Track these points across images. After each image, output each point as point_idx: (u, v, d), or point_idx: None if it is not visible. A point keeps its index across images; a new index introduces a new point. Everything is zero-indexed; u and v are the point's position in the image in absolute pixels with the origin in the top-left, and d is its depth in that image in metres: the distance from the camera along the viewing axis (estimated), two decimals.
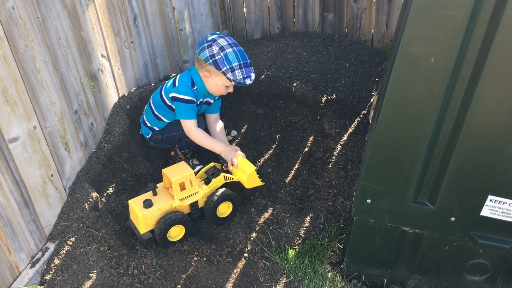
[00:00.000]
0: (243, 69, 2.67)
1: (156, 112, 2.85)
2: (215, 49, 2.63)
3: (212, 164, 2.76)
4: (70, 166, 2.55)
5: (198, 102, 2.82)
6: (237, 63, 2.65)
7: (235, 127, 3.35)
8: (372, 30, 3.91)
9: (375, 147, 1.94)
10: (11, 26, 2.04)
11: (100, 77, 2.74)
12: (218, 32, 2.78)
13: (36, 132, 2.25)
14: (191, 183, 2.53)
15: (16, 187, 2.17)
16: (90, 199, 2.53)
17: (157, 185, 2.57)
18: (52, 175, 2.40)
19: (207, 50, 2.64)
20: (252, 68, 2.73)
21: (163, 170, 2.55)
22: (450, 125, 1.81)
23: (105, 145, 2.76)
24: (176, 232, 2.51)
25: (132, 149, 2.89)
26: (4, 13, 1.99)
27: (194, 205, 2.58)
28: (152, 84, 3.19)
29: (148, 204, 2.45)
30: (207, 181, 2.66)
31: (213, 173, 2.69)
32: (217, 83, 2.75)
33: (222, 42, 2.66)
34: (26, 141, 2.20)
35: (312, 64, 3.53)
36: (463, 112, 1.76)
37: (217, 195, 2.57)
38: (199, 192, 2.59)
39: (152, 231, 2.48)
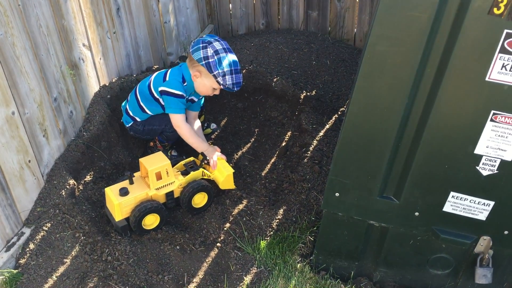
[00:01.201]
0: (233, 75, 2.74)
1: (141, 103, 2.89)
2: (209, 51, 2.68)
3: (192, 158, 2.82)
4: (48, 153, 2.58)
5: (188, 98, 2.87)
6: (229, 69, 2.71)
7: (214, 120, 3.40)
8: (355, 29, 3.98)
9: (343, 142, 2.01)
10: None
11: (81, 66, 2.77)
12: (214, 35, 2.84)
13: (14, 118, 2.28)
14: (167, 173, 2.58)
15: None
16: (67, 186, 2.57)
17: (134, 174, 2.62)
18: (29, 161, 2.43)
19: (201, 51, 2.69)
20: (241, 75, 2.79)
21: (140, 160, 2.60)
22: (414, 123, 1.88)
23: (84, 133, 2.79)
24: (151, 221, 2.56)
25: (111, 138, 2.92)
26: None
27: (169, 194, 2.63)
28: (134, 75, 3.23)
29: (124, 192, 2.49)
30: (184, 173, 2.71)
31: (192, 167, 2.74)
32: (205, 84, 2.79)
33: (218, 45, 2.71)
34: (3, 127, 2.23)
35: (294, 61, 3.59)
36: (427, 111, 1.83)
37: (192, 186, 2.63)
38: (175, 182, 2.64)
39: (127, 219, 2.53)
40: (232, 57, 2.74)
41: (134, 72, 3.30)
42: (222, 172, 2.74)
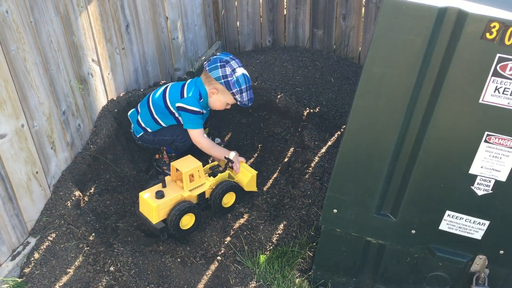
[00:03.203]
0: (248, 92, 2.93)
1: (155, 116, 2.97)
2: (228, 70, 2.84)
3: (216, 162, 2.98)
4: (55, 165, 2.65)
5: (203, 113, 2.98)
6: (245, 86, 2.89)
7: (219, 135, 3.46)
8: (360, 48, 4.04)
9: (341, 160, 2.05)
10: (4, 29, 2.15)
11: (89, 81, 2.85)
12: (228, 53, 2.99)
13: (23, 131, 2.36)
14: (199, 174, 2.70)
15: (1, 182, 2.27)
16: (73, 197, 2.63)
17: (165, 178, 2.73)
18: (37, 172, 2.50)
19: (220, 70, 2.84)
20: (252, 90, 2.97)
21: (172, 163, 2.71)
22: (410, 143, 1.92)
23: (91, 146, 2.86)
24: (187, 221, 2.65)
25: (117, 151, 2.99)
26: None
27: (201, 195, 2.75)
28: (141, 90, 3.31)
29: (160, 195, 2.58)
30: (211, 175, 2.85)
31: (217, 169, 2.88)
32: (221, 100, 2.96)
33: (234, 64, 2.88)
34: (13, 139, 2.30)
35: (298, 78, 3.65)
36: (423, 131, 1.87)
37: (222, 186, 2.76)
38: (206, 183, 2.76)
39: (164, 221, 2.61)
40: (246, 74, 2.92)
41: (141, 86, 3.38)
42: (246, 174, 2.89)
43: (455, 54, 1.69)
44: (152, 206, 2.56)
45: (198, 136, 2.93)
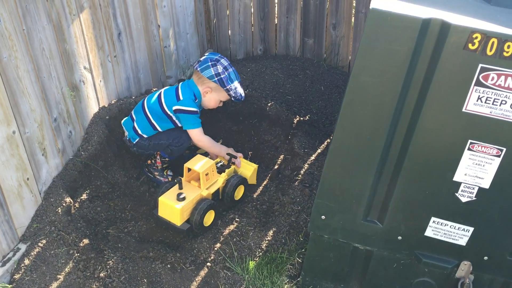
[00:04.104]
0: (240, 86, 3.05)
1: (153, 121, 3.01)
2: (219, 68, 2.94)
3: (219, 159, 3.07)
4: (46, 171, 2.67)
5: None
6: (237, 81, 3.02)
7: None
8: (350, 57, 4.09)
9: (329, 167, 2.09)
10: None
11: (81, 88, 2.87)
12: (216, 53, 3.10)
13: (14, 137, 2.38)
14: (213, 172, 2.84)
15: None
16: (64, 204, 2.64)
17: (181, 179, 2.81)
18: (28, 179, 2.52)
19: (212, 68, 2.93)
20: None
21: (186, 165, 2.80)
22: (396, 150, 1.96)
23: (82, 152, 2.88)
24: (208, 218, 2.75)
25: (108, 158, 3.01)
26: None
27: (216, 192, 2.86)
28: (133, 97, 3.33)
29: (182, 197, 2.66)
30: (219, 171, 2.95)
31: (222, 165, 3.00)
32: (215, 98, 3.05)
33: (224, 62, 3.00)
34: (4, 145, 2.32)
35: (289, 86, 3.70)
36: (408, 139, 1.91)
37: (233, 181, 2.89)
38: (219, 180, 2.88)
39: (187, 221, 2.71)
40: (235, 71, 3.05)
41: (133, 94, 3.41)
42: (248, 168, 3.04)
43: (439, 64, 1.74)
44: (177, 209, 2.63)
45: (198, 135, 3.01)
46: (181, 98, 2.98)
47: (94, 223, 2.75)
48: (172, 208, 2.65)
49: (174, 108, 2.95)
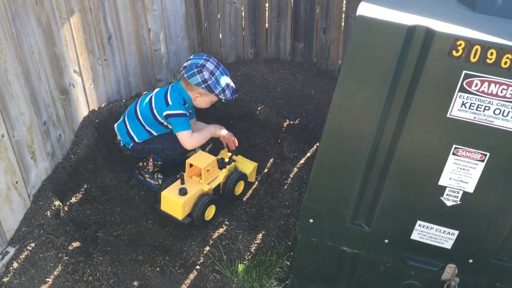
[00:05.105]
0: (229, 87, 3.04)
1: (148, 129, 3.03)
2: (206, 74, 2.91)
3: (219, 156, 3.17)
4: (35, 175, 2.67)
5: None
6: (225, 83, 2.99)
7: (200, 146, 3.49)
8: (340, 61, 4.11)
9: (317, 171, 2.11)
10: None
11: (71, 91, 2.88)
12: (201, 54, 3.03)
13: (3, 140, 2.38)
14: (214, 168, 2.92)
15: None
16: (53, 207, 2.64)
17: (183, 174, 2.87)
18: (17, 182, 2.51)
19: (198, 76, 2.91)
20: (232, 81, 3.10)
21: (188, 161, 2.90)
22: (383, 155, 1.99)
23: (72, 156, 2.88)
24: (209, 212, 2.83)
25: (98, 161, 3.01)
26: None
27: (216, 187, 2.93)
28: (123, 101, 3.34)
29: (184, 192, 2.73)
30: (220, 167, 3.04)
31: (223, 162, 3.08)
32: (205, 101, 3.07)
33: (210, 66, 2.96)
34: None
35: (279, 90, 3.72)
36: (394, 144, 1.94)
37: (233, 176, 2.99)
38: (220, 175, 2.97)
39: (188, 215, 2.78)
40: (223, 71, 3.04)
41: (123, 97, 3.41)
42: (247, 166, 3.13)
43: (423, 70, 1.77)
44: (179, 203, 2.70)
45: (187, 137, 2.97)
46: (170, 103, 2.97)
47: (83, 226, 2.75)
48: (174, 202, 2.72)
49: (164, 114, 2.96)
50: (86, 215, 2.79)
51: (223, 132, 3.20)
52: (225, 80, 3.01)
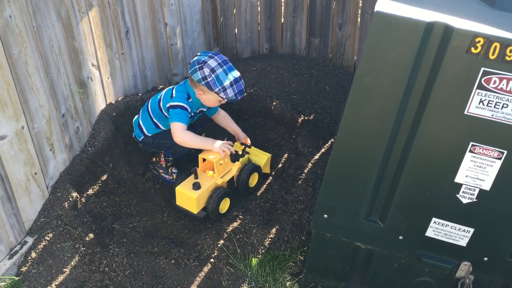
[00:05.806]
0: (234, 86, 2.87)
1: (155, 121, 3.04)
2: (206, 71, 2.82)
3: (233, 149, 3.10)
4: (54, 166, 2.71)
5: (192, 114, 3.02)
6: (228, 82, 2.83)
7: None
8: (355, 57, 4.11)
9: (332, 166, 2.12)
10: (7, 33, 2.21)
11: (89, 85, 2.91)
12: (208, 51, 2.97)
13: (23, 132, 2.42)
14: (226, 161, 2.94)
15: (0, 182, 2.32)
16: (70, 199, 2.69)
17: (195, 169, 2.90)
18: (36, 174, 2.56)
19: (198, 72, 2.85)
20: (243, 81, 2.93)
21: (200, 155, 2.92)
22: (398, 151, 1.98)
23: (89, 148, 2.92)
24: (224, 205, 2.87)
25: (114, 154, 3.05)
26: (1, 21, 2.17)
27: (231, 180, 2.97)
28: (140, 94, 3.37)
29: (197, 186, 2.77)
30: (232, 161, 3.05)
31: (237, 155, 3.07)
32: (211, 99, 2.97)
33: (212, 63, 2.84)
34: (13, 140, 2.36)
35: (294, 86, 3.72)
36: (410, 140, 1.94)
37: (247, 168, 3.00)
38: (233, 168, 2.99)
39: (203, 209, 2.82)
40: (229, 69, 2.87)
41: (140, 91, 3.45)
42: (261, 157, 3.14)
43: (441, 67, 1.76)
44: (193, 197, 2.73)
45: (177, 129, 2.85)
46: (174, 95, 2.98)
47: (99, 218, 2.79)
48: (189, 197, 2.75)
49: (167, 105, 2.94)
50: (102, 207, 2.83)
51: (214, 149, 2.91)
52: (230, 78, 2.85)
